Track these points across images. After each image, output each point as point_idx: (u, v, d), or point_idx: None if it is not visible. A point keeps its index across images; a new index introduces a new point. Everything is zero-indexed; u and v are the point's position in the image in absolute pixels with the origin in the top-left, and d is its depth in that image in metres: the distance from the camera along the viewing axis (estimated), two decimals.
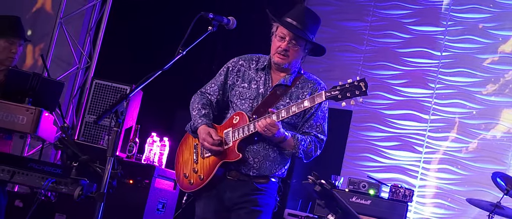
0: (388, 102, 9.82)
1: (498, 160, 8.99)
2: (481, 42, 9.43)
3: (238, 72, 4.85)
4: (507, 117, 9.10)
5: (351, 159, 9.80)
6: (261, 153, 4.62)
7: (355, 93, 4.31)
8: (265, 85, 4.74)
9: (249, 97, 4.73)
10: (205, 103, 4.84)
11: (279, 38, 4.65)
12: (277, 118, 4.43)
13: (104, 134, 7.68)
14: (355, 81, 4.32)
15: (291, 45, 4.62)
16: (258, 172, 4.64)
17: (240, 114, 4.65)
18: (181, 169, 4.88)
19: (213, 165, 4.64)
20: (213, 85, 4.91)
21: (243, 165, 4.61)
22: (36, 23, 9.57)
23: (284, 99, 4.68)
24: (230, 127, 4.65)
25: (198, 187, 4.68)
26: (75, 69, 9.33)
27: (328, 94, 4.37)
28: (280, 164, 4.72)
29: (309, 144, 4.65)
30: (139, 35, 10.25)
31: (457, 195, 9.08)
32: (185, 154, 4.90)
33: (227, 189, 4.67)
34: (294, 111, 4.43)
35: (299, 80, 4.77)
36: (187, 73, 4.11)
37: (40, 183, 5.30)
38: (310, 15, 4.72)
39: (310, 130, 4.70)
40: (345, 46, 10.14)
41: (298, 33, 4.59)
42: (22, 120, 5.93)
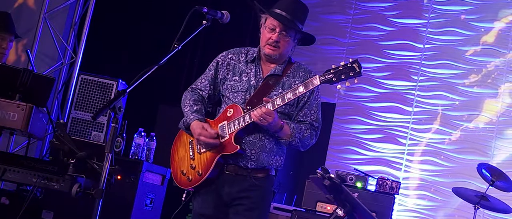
0: (371, 95, 9.85)
1: (481, 151, 9.05)
2: (464, 34, 9.49)
3: (228, 66, 4.84)
4: (489, 108, 9.17)
5: (335, 152, 9.82)
6: (257, 144, 4.63)
7: (350, 75, 4.30)
8: (256, 76, 4.75)
9: (241, 89, 4.73)
10: (196, 99, 4.84)
11: (269, 29, 4.65)
12: (273, 107, 4.45)
13: (91, 130, 7.65)
14: (348, 63, 4.31)
15: (281, 36, 4.62)
16: (256, 164, 4.65)
17: (234, 106, 4.66)
18: (178, 166, 4.85)
19: (210, 159, 4.63)
20: (203, 81, 4.90)
21: (240, 158, 4.62)
22: (19, 19, 9.48)
23: (276, 89, 4.68)
24: (225, 120, 4.65)
25: (197, 182, 4.68)
26: (59, 64, 9.27)
27: (323, 78, 4.37)
28: (277, 154, 4.73)
29: (305, 132, 4.67)
30: (124, 29, 10.20)
31: (441, 187, 9.13)
32: (180, 151, 4.88)
33: (226, 184, 4.67)
34: (289, 98, 4.44)
35: (290, 69, 4.77)
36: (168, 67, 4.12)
37: (31, 180, 5.29)
38: (298, 5, 4.73)
39: (304, 119, 4.72)
40: (328, 39, 10.16)
41: (289, 24, 4.60)
42: (13, 117, 5.91)
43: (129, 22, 10.28)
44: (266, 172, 4.72)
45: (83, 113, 7.75)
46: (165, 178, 7.62)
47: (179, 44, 4.34)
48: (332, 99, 9.91)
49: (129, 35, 10.24)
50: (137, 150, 7.39)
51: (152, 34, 10.14)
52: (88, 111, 7.75)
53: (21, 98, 6.10)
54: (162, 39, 7.65)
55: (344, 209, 4.04)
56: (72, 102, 7.84)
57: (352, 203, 4.01)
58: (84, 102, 7.77)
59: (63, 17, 9.40)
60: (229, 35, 9.39)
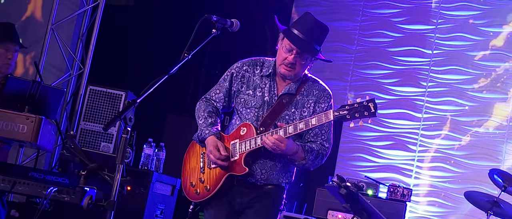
0: (380, 102, 9.80)
1: (491, 156, 9.01)
2: (472, 39, 9.45)
3: (243, 78, 4.78)
4: (499, 112, 9.13)
5: (344, 159, 9.79)
6: (268, 164, 4.62)
7: (364, 114, 4.25)
8: (270, 92, 4.69)
9: (255, 105, 4.68)
10: (211, 110, 4.79)
11: (286, 49, 4.56)
12: (285, 134, 4.40)
13: (100, 141, 7.63)
14: (365, 101, 4.26)
15: (297, 58, 4.54)
16: (266, 182, 4.63)
17: (247, 125, 4.61)
18: (188, 177, 4.83)
19: (219, 176, 4.62)
20: (218, 92, 4.84)
21: (250, 177, 4.60)
22: (26, 32, 9.49)
23: (289, 109, 4.64)
24: (237, 138, 4.62)
25: (204, 197, 4.67)
26: (67, 75, 9.25)
27: (337, 114, 4.33)
28: (288, 171, 4.74)
29: (317, 154, 4.63)
30: (131, 39, 10.20)
31: (452, 193, 9.09)
32: (192, 161, 4.86)
33: (237, 195, 4.67)
34: (301, 129, 4.38)
35: (304, 87, 4.71)
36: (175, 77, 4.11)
37: (41, 193, 5.25)
38: (318, 26, 4.62)
39: (315, 139, 4.66)
40: (336, 47, 10.13)
41: (306, 49, 4.52)
42: (22, 129, 5.87)
43: (136, 32, 10.28)
44: (277, 185, 4.71)
45: (92, 124, 7.74)
46: (175, 188, 7.59)
47: (189, 53, 4.30)
48: None
49: (136, 45, 10.24)
50: (146, 161, 7.37)
51: (160, 43, 10.14)
52: (97, 122, 7.74)
53: (30, 110, 6.08)
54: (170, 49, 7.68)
55: (361, 218, 4.01)
56: (81, 113, 7.83)
57: (369, 212, 3.98)
58: (93, 113, 7.76)
59: (71, 28, 9.39)
60: (236, 44, 9.39)
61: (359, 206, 3.98)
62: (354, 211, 4.02)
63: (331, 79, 9.62)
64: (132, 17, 10.51)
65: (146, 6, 10.85)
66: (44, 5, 9.58)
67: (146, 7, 10.84)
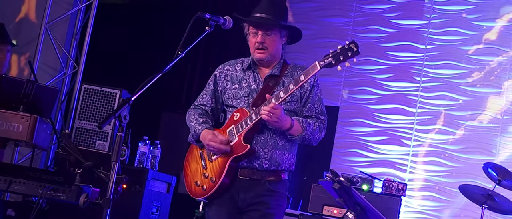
0: (374, 97, 9.84)
1: (486, 150, 9.04)
2: (465, 34, 9.48)
3: (226, 77, 4.88)
4: (493, 105, 9.16)
5: (339, 155, 9.81)
6: (270, 143, 4.64)
7: (348, 55, 4.29)
8: (255, 80, 4.78)
9: (243, 95, 4.76)
10: (201, 113, 4.87)
11: (253, 34, 4.73)
12: (277, 100, 4.46)
13: (95, 140, 7.64)
14: (346, 44, 4.33)
15: (265, 36, 4.68)
16: (270, 163, 4.63)
17: (240, 110, 4.68)
18: (191, 180, 4.84)
19: (223, 164, 4.63)
20: (204, 96, 4.94)
21: (254, 158, 4.62)
22: (20, 32, 9.51)
23: (277, 89, 4.69)
24: (232, 124, 4.67)
25: (212, 190, 4.66)
26: (62, 74, 9.26)
27: (322, 63, 4.37)
28: (289, 152, 4.74)
29: (314, 126, 4.68)
30: (125, 37, 10.21)
31: (446, 187, 9.12)
32: (192, 165, 4.88)
33: (241, 190, 4.66)
34: (292, 88, 4.44)
35: (287, 69, 4.81)
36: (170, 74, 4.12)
37: (37, 192, 5.26)
38: (273, 2, 4.78)
39: (310, 113, 4.74)
40: (329, 42, 10.11)
41: (266, 22, 4.66)
42: (17, 128, 5.89)
43: (130, 30, 10.29)
44: (279, 176, 4.71)
45: (87, 122, 7.75)
46: (170, 185, 7.60)
47: (183, 51, 4.32)
48: (335, 102, 9.90)
49: (131, 43, 10.25)
50: (142, 159, 7.38)
51: (154, 41, 10.15)
52: (92, 121, 7.75)
53: (25, 109, 6.09)
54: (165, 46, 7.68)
55: (355, 212, 4.03)
56: (76, 112, 7.83)
57: (363, 206, 4.00)
58: (88, 112, 7.77)
59: (64, 27, 9.40)
60: (230, 41, 9.40)
61: (353, 201, 4.00)
62: (348, 205, 4.05)
63: (325, 75, 9.63)
64: (126, 14, 10.52)
65: (140, 4, 10.87)
66: (38, 6, 9.59)
67: (140, 5, 10.85)
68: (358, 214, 3.99)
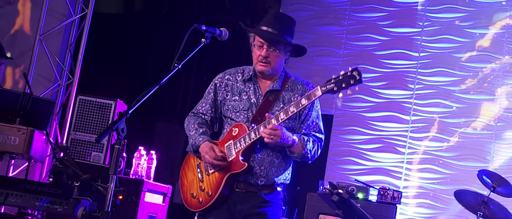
0: (368, 105, 9.86)
1: (480, 157, 9.06)
2: (458, 41, 9.52)
3: (226, 87, 4.86)
4: (487, 112, 9.18)
5: (334, 163, 9.82)
6: (266, 161, 4.65)
7: (350, 83, 4.29)
8: (255, 94, 4.76)
9: (243, 108, 4.74)
10: (200, 122, 4.85)
11: (258, 47, 4.70)
12: (277, 121, 4.45)
13: (91, 151, 7.64)
14: (348, 71, 4.31)
15: (270, 51, 4.66)
16: (266, 180, 4.65)
17: (239, 125, 4.67)
18: (188, 191, 4.84)
19: (219, 179, 4.63)
20: (204, 104, 4.91)
21: (250, 175, 4.62)
22: (15, 45, 9.53)
23: (277, 104, 4.70)
24: (231, 139, 4.66)
25: (207, 204, 4.66)
26: (56, 85, 9.26)
27: (324, 88, 4.37)
28: (285, 169, 4.75)
29: (314, 144, 4.68)
30: (120, 48, 10.21)
31: (441, 194, 9.14)
32: (189, 175, 4.87)
33: (237, 202, 4.67)
34: (293, 111, 4.44)
35: (287, 83, 4.80)
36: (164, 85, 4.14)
37: (34, 204, 5.27)
38: (282, 17, 4.81)
39: (308, 131, 4.72)
40: (323, 51, 10.17)
41: (274, 38, 4.64)
42: (14, 141, 5.90)
43: (125, 41, 10.30)
44: (275, 189, 4.73)
45: (82, 134, 7.75)
46: (166, 196, 7.61)
47: (179, 63, 4.33)
48: (330, 110, 9.92)
49: (125, 53, 10.25)
50: (137, 169, 7.40)
51: (149, 52, 10.16)
52: (87, 132, 7.75)
53: (22, 122, 6.10)
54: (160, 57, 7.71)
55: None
56: (71, 123, 7.83)
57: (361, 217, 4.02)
58: (83, 123, 7.77)
59: (59, 38, 9.42)
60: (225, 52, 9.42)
61: (351, 212, 4.02)
62: (346, 216, 4.07)
63: (320, 83, 9.64)
64: (121, 25, 10.53)
65: (135, 15, 10.89)
66: (33, 18, 9.61)
67: (135, 16, 10.87)
68: None
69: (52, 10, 9.39)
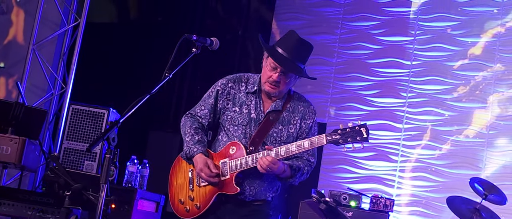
0: (361, 113, 9.87)
1: (472, 164, 9.08)
2: (450, 50, 9.55)
3: (228, 95, 4.80)
4: (479, 120, 9.21)
5: (327, 171, 9.83)
6: (256, 182, 4.67)
7: (356, 139, 4.35)
8: (256, 109, 4.73)
9: (242, 123, 4.71)
10: (197, 127, 4.80)
11: (270, 67, 4.60)
12: (276, 156, 4.45)
13: (84, 160, 7.65)
14: (357, 126, 4.36)
15: (282, 76, 4.58)
16: (255, 197, 4.69)
17: (236, 145, 4.65)
18: (176, 193, 4.84)
19: (210, 195, 4.65)
20: (203, 108, 4.85)
21: (240, 195, 4.64)
22: (9, 55, 9.54)
23: (276, 126, 4.68)
24: (227, 157, 4.65)
25: (194, 215, 4.69)
26: (49, 95, 9.28)
27: (330, 139, 4.42)
28: (274, 186, 4.79)
29: (303, 170, 4.70)
30: (113, 57, 10.22)
31: (434, 202, 9.16)
32: (179, 178, 4.86)
33: (227, 213, 4.70)
34: (293, 151, 4.46)
35: (289, 103, 4.76)
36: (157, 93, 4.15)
37: (27, 213, 5.29)
38: (302, 44, 4.66)
39: (301, 154, 4.69)
40: (316, 60, 10.17)
41: (289, 68, 4.55)
42: (6, 151, 5.93)
43: (118, 51, 10.31)
44: (264, 199, 4.76)
45: (75, 143, 7.76)
46: (159, 205, 7.62)
47: (170, 72, 4.34)
48: (323, 119, 9.93)
49: (118, 62, 10.26)
50: (130, 178, 7.41)
51: (141, 61, 10.17)
52: (80, 141, 7.76)
53: (14, 131, 6.12)
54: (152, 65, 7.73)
55: None
56: (64, 132, 7.84)
57: None
58: (76, 132, 7.77)
59: (52, 47, 9.43)
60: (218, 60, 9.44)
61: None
62: None
63: (313, 92, 9.69)
64: (114, 34, 10.54)
65: (128, 24, 10.90)
66: (26, 28, 9.63)
67: (128, 25, 10.88)
68: None
69: (45, 20, 9.41)
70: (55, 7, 9.37)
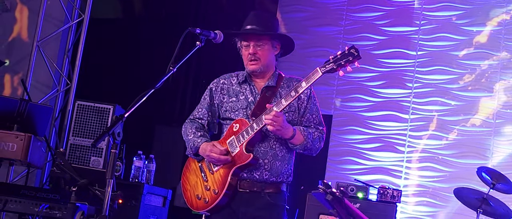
0: (367, 105, 9.86)
1: (479, 154, 9.06)
2: (455, 39, 9.52)
3: (222, 90, 4.87)
4: (485, 109, 9.18)
5: (334, 163, 9.82)
6: (270, 153, 4.66)
7: (349, 60, 4.34)
8: (252, 93, 4.78)
9: (241, 107, 4.76)
10: (198, 126, 4.86)
11: (245, 47, 4.76)
12: (278, 108, 4.45)
13: (90, 156, 7.65)
14: (346, 50, 4.36)
15: (257, 47, 4.70)
16: (270, 173, 4.65)
17: (239, 121, 4.68)
18: (192, 194, 4.83)
19: (225, 175, 4.64)
20: (200, 109, 4.93)
21: (254, 169, 4.63)
22: (13, 52, 9.55)
23: (274, 100, 4.70)
24: (232, 135, 4.66)
25: (215, 201, 4.65)
26: (55, 91, 9.28)
27: (323, 69, 4.41)
28: (288, 163, 4.76)
29: (314, 134, 4.69)
30: (117, 53, 10.22)
31: (442, 192, 9.14)
32: (191, 179, 4.87)
33: (241, 204, 4.67)
34: (293, 96, 4.46)
35: (282, 81, 4.82)
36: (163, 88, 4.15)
37: (33, 210, 5.30)
38: (261, 14, 4.86)
39: (308, 124, 4.74)
40: (321, 52, 10.15)
41: (257, 32, 4.68)
42: (12, 147, 5.93)
43: (123, 45, 10.31)
44: (278, 188, 4.73)
45: (81, 139, 7.75)
46: (166, 199, 7.62)
47: (174, 66, 4.35)
48: (328, 111, 9.92)
49: (123, 58, 10.26)
50: (137, 173, 7.40)
51: (146, 56, 10.17)
52: (86, 137, 7.76)
53: (19, 128, 6.13)
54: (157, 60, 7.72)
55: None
56: (70, 128, 7.84)
57: (356, 217, 4.02)
58: (82, 128, 7.77)
59: (56, 44, 9.43)
60: (223, 54, 9.43)
61: (346, 212, 4.03)
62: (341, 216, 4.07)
63: (318, 84, 9.52)
64: (118, 30, 10.53)
65: (133, 19, 10.89)
66: (30, 24, 9.63)
67: (132, 20, 10.88)
68: None
69: (49, 16, 9.41)
70: (58, 4, 9.37)
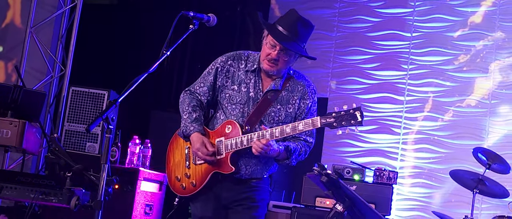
0: (362, 87, 9.85)
1: (475, 134, 9.06)
2: (450, 20, 9.50)
3: (227, 73, 4.77)
4: (480, 89, 9.17)
5: (330, 146, 9.82)
6: (252, 161, 4.67)
7: (351, 122, 4.32)
8: (255, 88, 4.71)
9: (240, 101, 4.69)
10: (195, 105, 4.77)
11: (270, 45, 4.56)
12: (271, 138, 4.43)
13: (86, 141, 7.65)
14: (351, 110, 4.31)
15: (281, 54, 4.53)
16: (250, 176, 4.69)
17: (232, 124, 4.63)
18: (173, 170, 4.87)
19: (205, 173, 4.67)
20: (202, 85, 4.81)
21: (235, 174, 4.64)
22: (6, 38, 9.51)
23: (275, 105, 4.66)
24: (223, 136, 4.65)
25: (191, 193, 4.72)
26: (49, 77, 9.26)
27: (324, 121, 4.38)
28: (270, 165, 4.79)
29: (300, 151, 4.68)
30: (111, 38, 10.19)
31: (437, 173, 9.15)
32: (177, 155, 4.88)
33: (223, 190, 4.71)
34: (288, 133, 4.44)
35: (289, 82, 4.73)
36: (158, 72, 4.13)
37: (29, 196, 5.29)
38: (302, 23, 4.59)
39: (299, 135, 4.68)
40: (316, 34, 10.11)
41: (289, 46, 4.50)
42: (6, 134, 5.93)
43: (116, 31, 10.28)
44: (261, 178, 4.77)
45: (76, 125, 7.75)
46: (162, 184, 7.63)
47: (168, 50, 4.33)
48: (324, 93, 9.91)
49: (117, 43, 10.23)
50: (132, 158, 7.40)
51: (140, 41, 10.14)
52: (81, 123, 7.75)
53: (13, 114, 6.11)
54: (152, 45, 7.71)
55: (343, 204, 4.05)
56: (65, 114, 7.83)
57: (351, 197, 4.03)
58: (77, 114, 7.77)
59: (50, 30, 9.39)
60: (218, 38, 9.41)
61: (341, 193, 4.03)
62: (337, 198, 4.08)
63: (313, 67, 9.64)
64: (112, 15, 10.51)
65: (126, 4, 10.86)
66: (23, 10, 9.59)
67: (126, 5, 10.84)
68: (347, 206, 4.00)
69: (42, 2, 9.36)
70: None
